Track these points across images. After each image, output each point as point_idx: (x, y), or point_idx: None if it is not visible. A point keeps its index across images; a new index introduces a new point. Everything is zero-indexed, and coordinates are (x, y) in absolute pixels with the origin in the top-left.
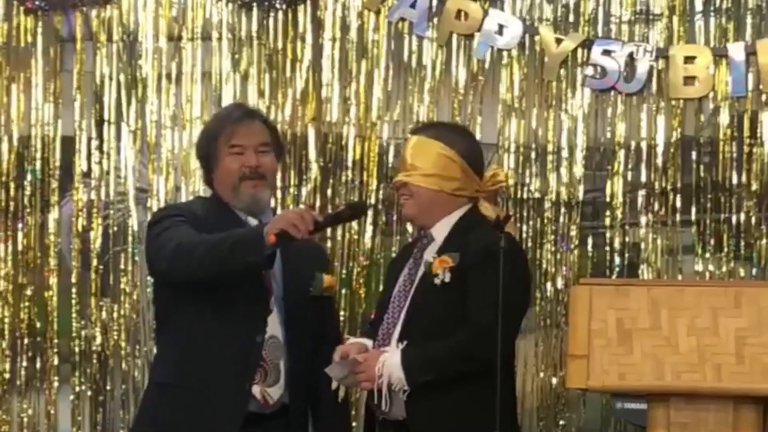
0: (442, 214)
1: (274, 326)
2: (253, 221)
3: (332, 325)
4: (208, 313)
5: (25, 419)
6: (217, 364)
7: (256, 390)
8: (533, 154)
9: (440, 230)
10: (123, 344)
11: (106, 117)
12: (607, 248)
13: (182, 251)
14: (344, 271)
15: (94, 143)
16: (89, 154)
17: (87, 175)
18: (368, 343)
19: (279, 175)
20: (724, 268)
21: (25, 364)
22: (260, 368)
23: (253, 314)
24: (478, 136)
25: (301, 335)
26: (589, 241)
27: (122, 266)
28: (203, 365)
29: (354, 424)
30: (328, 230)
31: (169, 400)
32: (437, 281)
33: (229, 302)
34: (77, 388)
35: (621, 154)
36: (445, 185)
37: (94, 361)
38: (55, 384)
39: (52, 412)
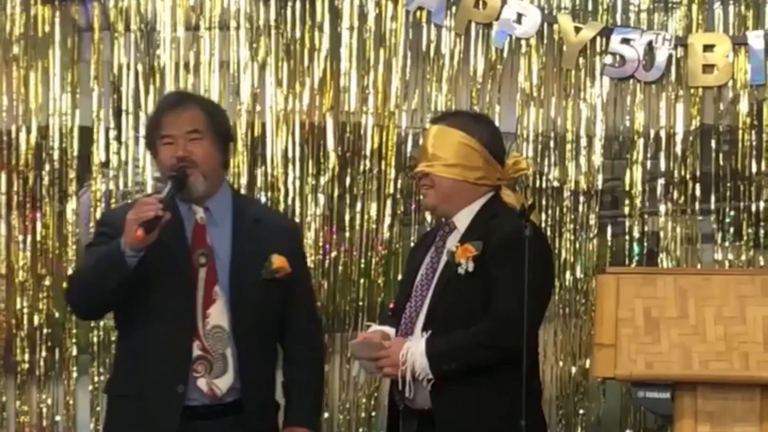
0: (465, 203)
1: (218, 316)
2: (198, 209)
3: (298, 308)
4: (140, 318)
5: (44, 409)
6: (149, 367)
7: (202, 383)
8: (552, 143)
9: (462, 219)
10: None
11: (124, 107)
12: (627, 237)
13: (68, 292)
14: (363, 261)
15: (112, 133)
16: (107, 144)
17: (105, 165)
18: (390, 331)
19: (297, 165)
20: (743, 257)
21: (44, 354)
22: (204, 360)
23: (181, 310)
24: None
25: (248, 322)
26: (609, 230)
27: None
28: (138, 370)
29: (374, 414)
30: (346, 221)
31: (115, 410)
32: (461, 270)
33: (158, 303)
34: (96, 379)
35: (640, 142)
36: (468, 174)
37: (113, 351)
38: (74, 374)
39: (71, 402)
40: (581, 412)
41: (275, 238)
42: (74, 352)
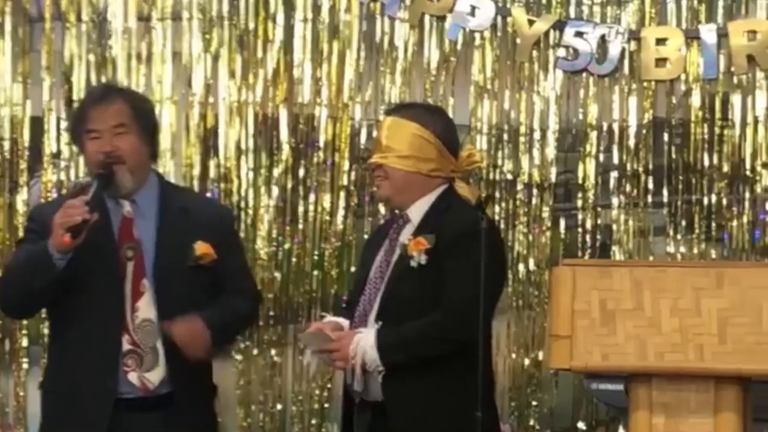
0: (418, 195)
1: (146, 309)
2: (125, 203)
3: (230, 290)
4: (71, 314)
5: None
6: (80, 362)
7: (133, 377)
8: (505, 136)
9: (416, 211)
10: None
11: (75, 97)
12: (580, 230)
13: None
14: (316, 252)
15: (63, 124)
16: (58, 135)
17: (56, 155)
18: (344, 322)
19: (250, 157)
20: (695, 250)
21: None
22: (134, 354)
23: (110, 305)
24: None
25: (175, 313)
26: (562, 222)
27: None
28: (68, 366)
29: (327, 405)
30: (300, 212)
31: (48, 406)
32: (413, 263)
33: (87, 299)
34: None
35: (593, 135)
36: (422, 166)
37: None
38: (24, 366)
39: (21, 394)
40: (534, 403)
41: (203, 225)
42: (24, 344)
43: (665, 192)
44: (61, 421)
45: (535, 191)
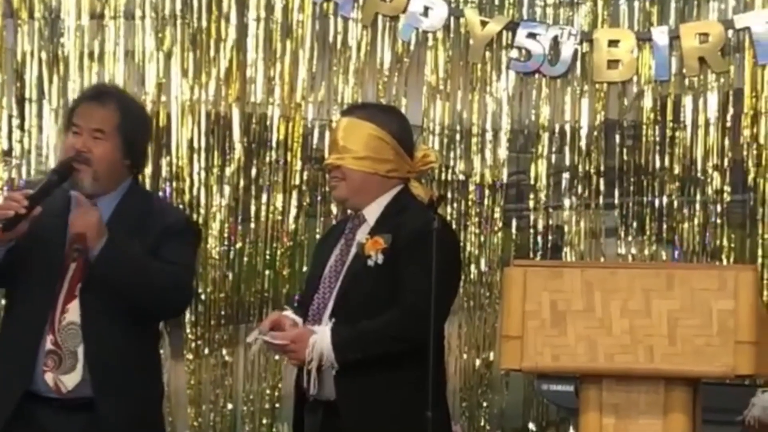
0: (375, 196)
1: (74, 312)
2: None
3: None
4: (10, 304)
5: None
6: (4, 353)
7: (49, 377)
8: (458, 136)
9: (372, 211)
10: None
11: (27, 95)
12: (531, 230)
13: None
14: (268, 252)
15: (15, 121)
16: (10, 132)
17: (8, 153)
18: (298, 320)
19: (203, 156)
20: (646, 251)
21: None
22: (54, 355)
23: (42, 302)
24: None
25: (97, 318)
26: (513, 223)
27: None
28: (0, 351)
29: (278, 405)
30: (252, 212)
31: None
32: (370, 262)
33: (24, 292)
34: None
35: (545, 136)
36: (378, 167)
37: None
38: None
39: None
40: (485, 404)
41: (145, 230)
42: None
43: (617, 193)
44: None
45: (487, 192)
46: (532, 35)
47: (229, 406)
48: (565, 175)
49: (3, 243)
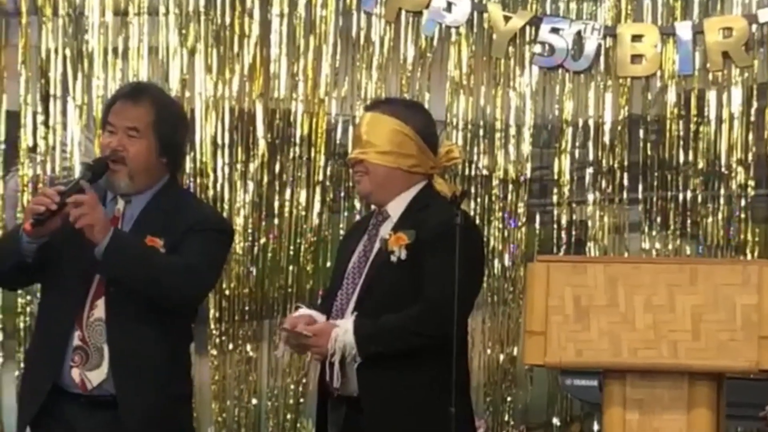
0: (398, 191)
1: (102, 308)
2: (120, 201)
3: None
4: (43, 298)
5: None
6: (36, 348)
7: (75, 373)
8: (481, 132)
9: (396, 207)
10: None
11: (51, 92)
12: (555, 226)
13: None
14: (292, 248)
15: (40, 118)
16: (35, 129)
17: (33, 150)
18: (318, 316)
19: (226, 152)
20: (670, 246)
21: None
22: (81, 351)
23: (72, 298)
24: None
25: (121, 315)
26: (537, 218)
27: None
28: (29, 350)
29: (302, 400)
30: (276, 207)
31: (21, 379)
32: (393, 258)
33: (56, 287)
34: (22, 364)
35: (568, 131)
36: (401, 162)
37: None
38: (0, 360)
39: None
40: (509, 399)
41: (170, 227)
42: (0, 338)
43: (640, 188)
44: (19, 396)
45: (510, 187)
46: (555, 30)
47: (254, 401)
48: (589, 170)
49: (35, 239)
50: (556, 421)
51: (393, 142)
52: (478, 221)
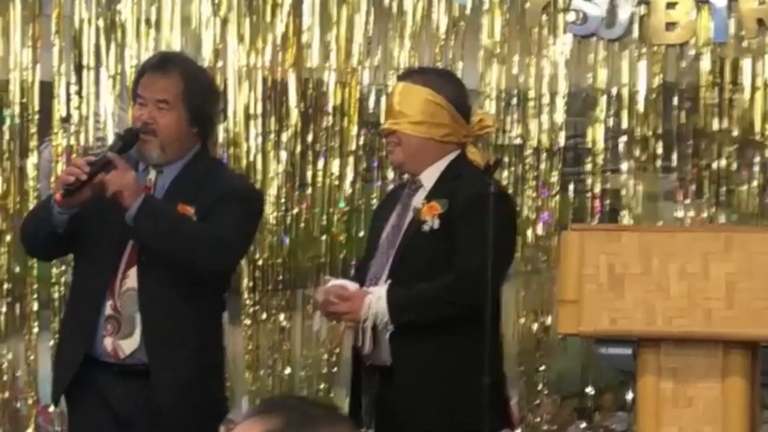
0: (431, 161)
1: (134, 278)
2: (152, 171)
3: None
4: (76, 268)
5: (5, 365)
6: (69, 318)
7: (108, 342)
8: (514, 101)
9: (429, 177)
10: None
11: (84, 62)
12: (588, 194)
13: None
14: (325, 217)
15: (73, 88)
16: (68, 99)
17: (66, 120)
18: (351, 285)
19: (259, 122)
20: (704, 214)
21: (4, 309)
22: (113, 320)
23: (104, 267)
24: None
25: (154, 284)
26: (570, 187)
27: None
28: (64, 320)
29: (335, 369)
30: (308, 177)
31: (55, 349)
32: (426, 228)
33: (88, 256)
34: (57, 334)
35: (602, 100)
36: (434, 132)
37: None
38: (35, 330)
39: (32, 357)
40: (542, 368)
41: (200, 194)
42: (35, 308)
43: (674, 156)
44: (54, 364)
45: (543, 156)
46: None
47: (287, 371)
48: (623, 139)
49: (66, 209)
50: (589, 389)
51: (426, 112)
52: (511, 190)
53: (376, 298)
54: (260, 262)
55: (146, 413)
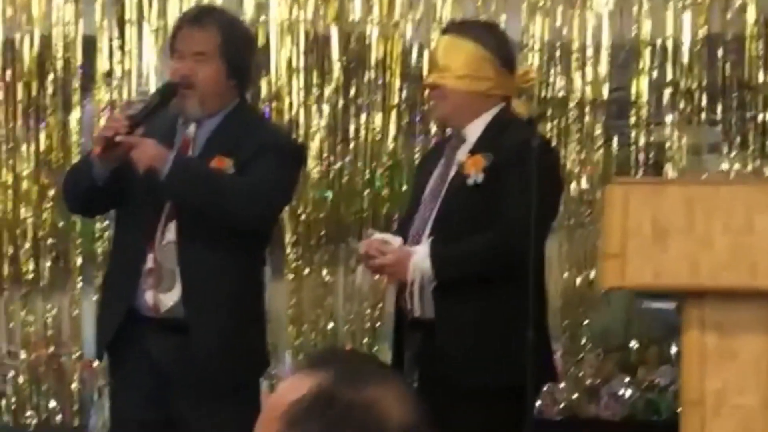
0: (475, 115)
1: (174, 231)
2: (191, 125)
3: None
4: (118, 223)
5: (49, 320)
6: (112, 273)
7: (149, 295)
8: (558, 53)
9: (473, 130)
10: None
11: (127, 17)
12: (632, 147)
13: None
14: (367, 172)
15: (116, 43)
16: (111, 54)
17: (109, 74)
18: (394, 239)
19: (301, 76)
20: (749, 167)
21: (48, 264)
22: (154, 273)
23: (145, 220)
24: None
25: (193, 237)
26: (614, 140)
27: None
28: (107, 275)
29: (378, 324)
30: (351, 132)
31: (98, 304)
32: (470, 181)
33: (130, 211)
34: (100, 289)
35: (646, 52)
36: (478, 85)
37: None
38: (79, 285)
39: (76, 312)
40: (586, 322)
41: (237, 147)
42: (78, 262)
43: (719, 109)
44: (97, 318)
45: (587, 108)
46: None
47: (330, 325)
48: (667, 91)
49: (106, 164)
50: (633, 343)
51: (470, 66)
52: (554, 143)
53: (421, 258)
54: (303, 217)
55: (186, 366)
